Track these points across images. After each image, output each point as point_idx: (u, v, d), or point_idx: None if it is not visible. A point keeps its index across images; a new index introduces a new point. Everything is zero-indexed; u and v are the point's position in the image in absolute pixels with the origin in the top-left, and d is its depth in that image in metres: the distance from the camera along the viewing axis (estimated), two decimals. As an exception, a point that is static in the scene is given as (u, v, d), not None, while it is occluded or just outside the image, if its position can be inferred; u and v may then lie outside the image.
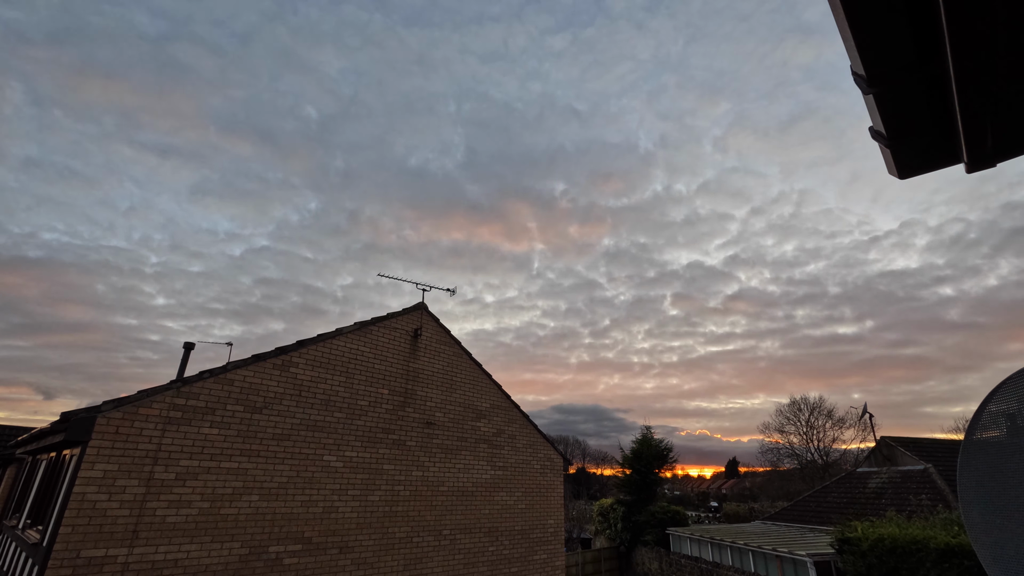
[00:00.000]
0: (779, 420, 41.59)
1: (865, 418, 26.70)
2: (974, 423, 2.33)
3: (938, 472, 15.54)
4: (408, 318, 10.27)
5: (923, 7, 1.17)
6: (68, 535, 5.74)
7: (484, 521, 10.27)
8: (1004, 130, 1.44)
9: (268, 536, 7.29)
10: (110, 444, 6.19)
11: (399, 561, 8.73)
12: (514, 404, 11.76)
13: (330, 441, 8.34)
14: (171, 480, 6.59)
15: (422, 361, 10.23)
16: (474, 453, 10.57)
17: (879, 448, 18.88)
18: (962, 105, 1.34)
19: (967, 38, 1.17)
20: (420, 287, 10.91)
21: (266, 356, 7.91)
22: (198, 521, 6.71)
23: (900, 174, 1.72)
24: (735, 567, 15.85)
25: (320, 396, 8.40)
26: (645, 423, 46.26)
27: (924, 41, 1.26)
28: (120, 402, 6.37)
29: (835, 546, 11.76)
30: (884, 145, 1.63)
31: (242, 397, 7.48)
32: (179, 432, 6.78)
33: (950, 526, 10.32)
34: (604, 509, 24.98)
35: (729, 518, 33.49)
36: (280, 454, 7.69)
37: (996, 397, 2.27)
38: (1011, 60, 1.23)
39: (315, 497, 7.92)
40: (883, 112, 1.49)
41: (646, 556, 20.78)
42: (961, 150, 1.52)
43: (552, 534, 11.44)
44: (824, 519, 17.10)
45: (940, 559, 9.17)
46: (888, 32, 1.25)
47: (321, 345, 8.64)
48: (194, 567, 6.56)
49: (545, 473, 11.87)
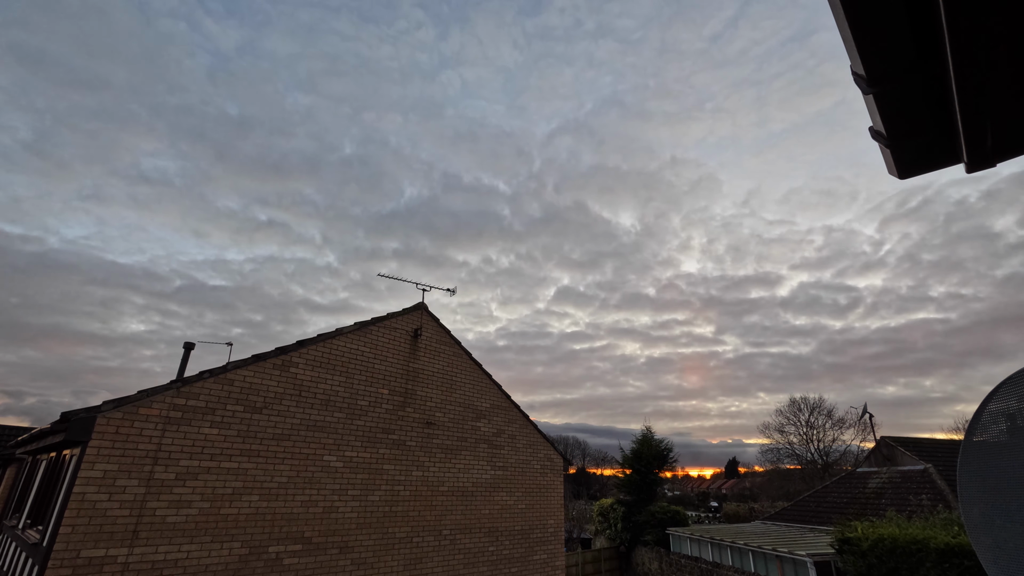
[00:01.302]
0: (779, 420, 41.64)
1: (865, 418, 26.70)
2: (974, 423, 2.33)
3: (938, 472, 15.54)
4: (408, 318, 10.26)
5: (923, 7, 1.17)
6: (68, 535, 5.73)
7: (484, 521, 10.27)
8: (1004, 130, 1.44)
9: (268, 536, 7.29)
10: (110, 444, 6.19)
11: (399, 561, 8.72)
12: (514, 404, 11.75)
13: (330, 441, 8.34)
14: (171, 480, 6.59)
15: (422, 361, 10.23)
16: (474, 453, 10.57)
17: (879, 448, 18.88)
18: (962, 105, 1.34)
19: (967, 38, 1.17)
20: (420, 287, 10.91)
21: (266, 356, 7.90)
22: (198, 521, 6.70)
23: (900, 174, 1.72)
24: (735, 567, 15.85)
25: (320, 396, 8.40)
26: (645, 423, 46.20)
27: (924, 41, 1.26)
28: (120, 402, 6.37)
29: (835, 546, 11.75)
30: (884, 145, 1.63)
31: (242, 397, 7.47)
32: (179, 432, 6.78)
33: (950, 526, 10.32)
34: (604, 509, 24.97)
35: (729, 518, 33.48)
36: (280, 454, 7.69)
37: (996, 397, 2.27)
38: (1011, 60, 1.23)
39: (315, 497, 7.92)
40: (883, 112, 1.49)
41: (646, 556, 20.77)
42: (961, 150, 1.52)
43: (552, 534, 11.44)
44: (824, 519, 17.09)
45: (940, 559, 9.16)
46: (888, 32, 1.25)
47: (321, 345, 8.64)
48: (194, 567, 6.56)
49: (545, 473, 11.86)
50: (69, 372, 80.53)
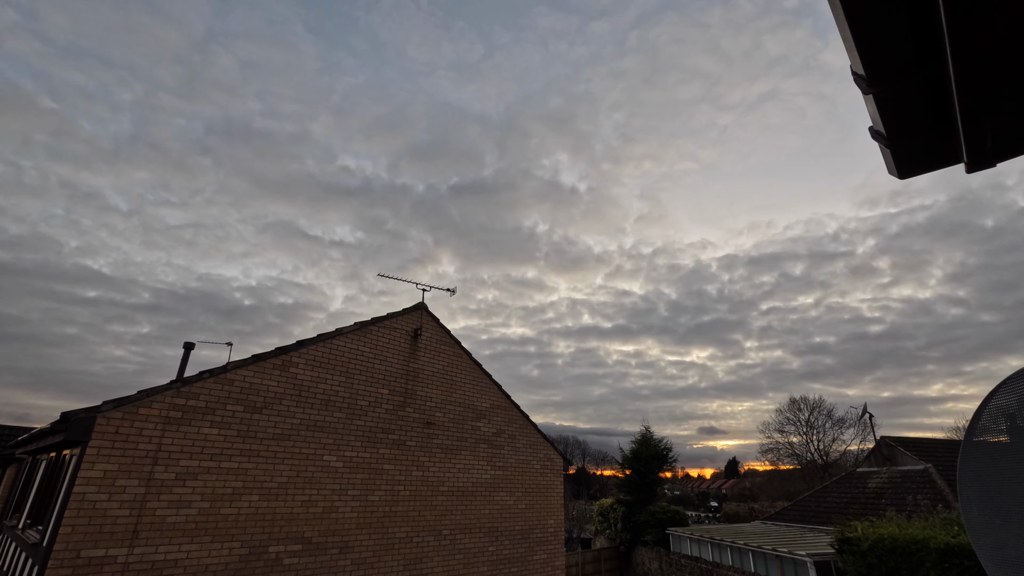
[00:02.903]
0: (779, 420, 41.67)
1: (865, 418, 26.72)
2: (974, 423, 2.33)
3: (938, 472, 15.55)
4: (408, 318, 10.26)
5: (923, 7, 1.17)
6: (68, 535, 5.73)
7: (484, 521, 10.27)
8: (1004, 130, 1.44)
9: (268, 536, 7.29)
10: (110, 444, 6.19)
11: (399, 561, 8.72)
12: (514, 404, 11.75)
13: (330, 441, 8.34)
14: (171, 480, 6.59)
15: (422, 361, 10.23)
16: (474, 453, 10.57)
17: (879, 448, 18.89)
18: (962, 105, 1.34)
19: (967, 38, 1.17)
20: (420, 287, 10.92)
21: (266, 356, 7.90)
22: (198, 521, 6.70)
23: (900, 174, 1.72)
24: (735, 567, 15.85)
25: (320, 396, 8.40)
26: (645, 424, 46.22)
27: (924, 41, 1.26)
28: (120, 402, 6.37)
29: (835, 546, 11.75)
30: (884, 145, 1.63)
31: (242, 397, 7.47)
32: (179, 432, 6.78)
33: (950, 526, 10.32)
34: (604, 509, 24.98)
35: (729, 518, 33.53)
36: (280, 454, 7.69)
37: (996, 397, 2.27)
38: (1011, 60, 1.23)
39: (315, 497, 7.92)
40: (883, 112, 1.49)
41: (646, 556, 20.77)
42: (961, 150, 1.52)
43: (552, 534, 11.44)
44: (824, 519, 17.09)
45: (940, 559, 9.17)
46: (888, 32, 1.25)
47: (321, 345, 8.64)
48: (194, 567, 6.56)
49: (545, 473, 11.86)
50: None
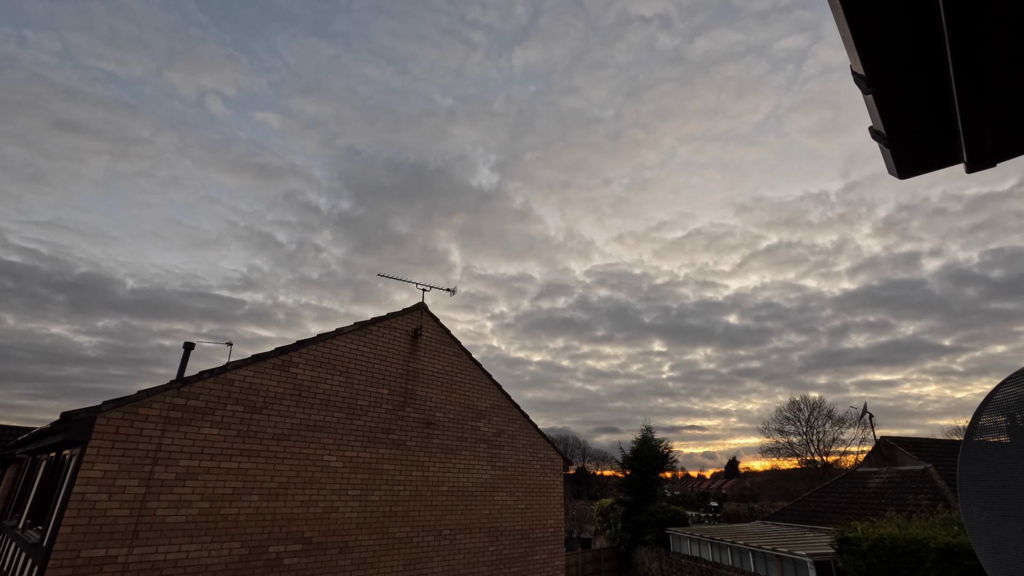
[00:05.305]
0: (779, 420, 41.68)
1: (865, 418, 26.72)
2: (974, 423, 2.33)
3: (938, 472, 15.55)
4: (408, 318, 10.26)
5: (923, 7, 1.17)
6: (68, 535, 5.73)
7: (484, 521, 10.27)
8: (1004, 130, 1.44)
9: (268, 536, 7.29)
10: (110, 444, 6.19)
11: (399, 561, 8.72)
12: (514, 404, 11.75)
13: (330, 441, 8.34)
14: (171, 480, 6.59)
15: (422, 361, 10.23)
16: (474, 453, 10.57)
17: (879, 448, 18.89)
18: (962, 105, 1.34)
19: (967, 38, 1.17)
20: (420, 287, 10.92)
21: (266, 356, 7.91)
22: (198, 521, 6.70)
23: (900, 174, 1.72)
24: (735, 567, 15.85)
25: (320, 396, 8.40)
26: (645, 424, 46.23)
27: (924, 41, 1.26)
28: (120, 402, 6.37)
29: (835, 546, 11.76)
30: (884, 145, 1.63)
31: (242, 397, 7.47)
32: (179, 432, 6.78)
33: (950, 526, 10.33)
34: (604, 509, 24.98)
35: (729, 518, 33.53)
36: (280, 454, 7.69)
37: (996, 397, 2.27)
38: (1011, 60, 1.23)
39: (315, 497, 7.92)
40: (883, 112, 1.49)
41: (646, 556, 20.77)
42: (961, 150, 1.51)
43: (552, 534, 11.44)
44: (824, 519, 17.10)
45: (940, 559, 9.17)
46: (888, 32, 1.25)
47: (321, 345, 8.64)
48: (194, 567, 6.56)
49: (545, 473, 11.86)
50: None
